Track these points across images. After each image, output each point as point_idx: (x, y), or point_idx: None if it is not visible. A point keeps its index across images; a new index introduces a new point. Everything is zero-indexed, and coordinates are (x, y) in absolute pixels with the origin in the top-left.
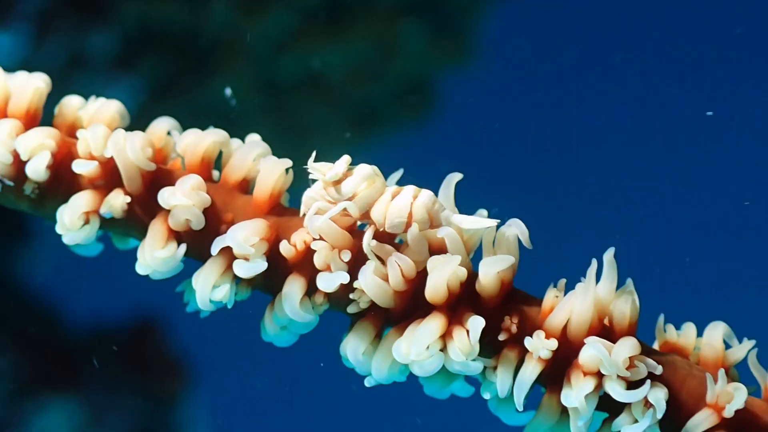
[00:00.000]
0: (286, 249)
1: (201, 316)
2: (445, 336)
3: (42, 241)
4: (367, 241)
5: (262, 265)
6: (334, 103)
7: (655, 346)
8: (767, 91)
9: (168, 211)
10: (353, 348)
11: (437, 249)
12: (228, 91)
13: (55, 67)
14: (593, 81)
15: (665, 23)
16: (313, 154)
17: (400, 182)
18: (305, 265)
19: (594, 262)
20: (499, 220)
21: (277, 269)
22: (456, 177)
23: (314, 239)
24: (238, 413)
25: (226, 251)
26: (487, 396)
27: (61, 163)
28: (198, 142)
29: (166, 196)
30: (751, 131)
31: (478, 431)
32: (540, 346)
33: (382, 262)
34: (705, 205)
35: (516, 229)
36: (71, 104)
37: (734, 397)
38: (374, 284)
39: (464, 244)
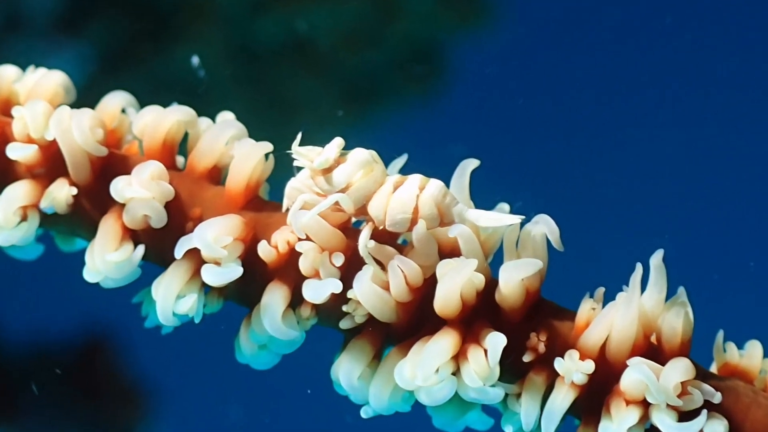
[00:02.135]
0: (265, 251)
1: (163, 332)
2: (459, 357)
3: None
4: (364, 242)
5: (236, 271)
6: (323, 74)
7: (713, 368)
8: None
9: (122, 206)
10: (347, 371)
11: (449, 251)
12: (195, 60)
13: None
14: (637, 47)
15: None
16: (299, 136)
17: (404, 170)
18: (289, 270)
19: (639, 267)
20: (523, 216)
21: (255, 276)
22: (471, 164)
23: (299, 239)
24: None
25: (193, 254)
26: (509, 429)
27: None
28: (159, 121)
29: (120, 187)
30: None
31: None
32: (573, 368)
33: (382, 267)
34: None
35: (544, 227)
36: (5, 75)
37: None
38: (372, 294)
39: (481, 246)
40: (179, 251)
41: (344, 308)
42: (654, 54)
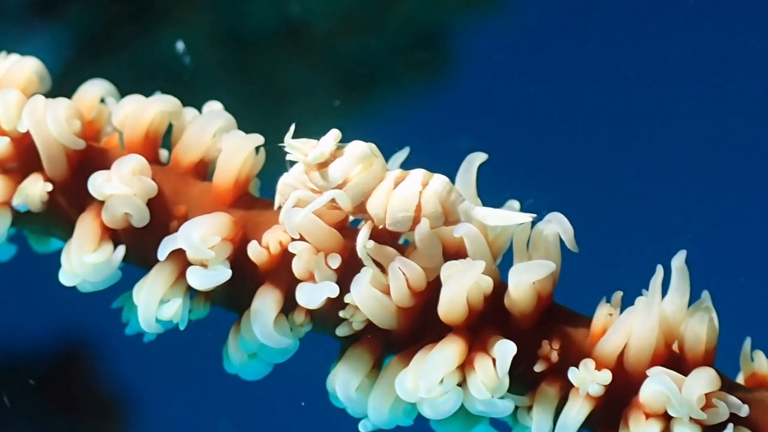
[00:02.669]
0: (256, 252)
1: (145, 339)
2: (465, 366)
3: None
4: (363, 242)
5: (224, 274)
6: (319, 60)
7: (740, 379)
8: None
9: (101, 203)
10: (344, 382)
11: (454, 252)
12: (180, 46)
13: None
14: (658, 32)
15: None
16: (292, 127)
17: (406, 165)
18: (281, 273)
19: (659, 270)
20: (535, 215)
21: (245, 279)
22: (478, 158)
23: (293, 239)
24: None
25: (178, 255)
26: None
27: None
28: (141, 112)
29: (98, 183)
30: None
31: None
32: (589, 379)
33: (382, 269)
34: None
35: (557, 226)
36: None
37: None
38: (371, 298)
39: (489, 246)
40: (163, 252)
41: (341, 314)
42: (676, 41)
